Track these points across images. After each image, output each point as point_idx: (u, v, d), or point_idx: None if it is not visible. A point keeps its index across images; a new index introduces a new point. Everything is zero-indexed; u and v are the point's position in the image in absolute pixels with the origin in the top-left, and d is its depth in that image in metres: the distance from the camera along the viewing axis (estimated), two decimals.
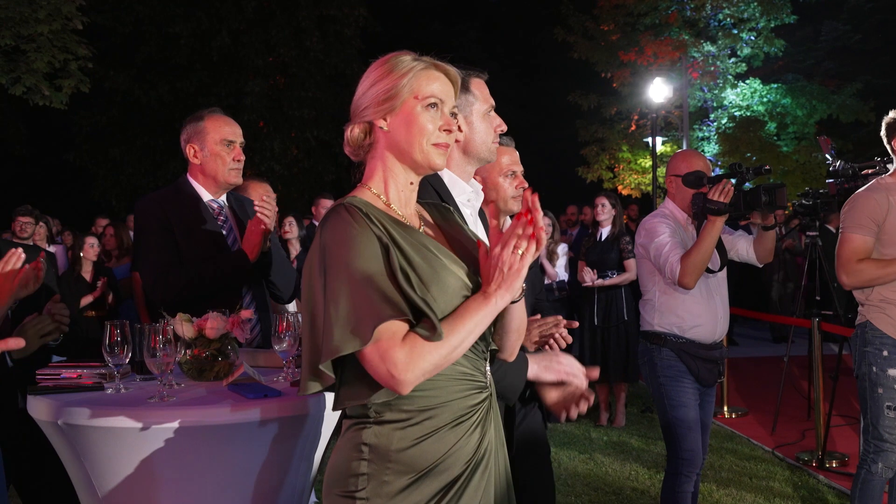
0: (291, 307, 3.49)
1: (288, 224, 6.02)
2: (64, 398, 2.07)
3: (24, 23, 9.43)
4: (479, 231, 2.14)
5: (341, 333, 1.41)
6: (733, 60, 17.21)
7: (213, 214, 2.92)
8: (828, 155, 4.01)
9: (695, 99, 17.57)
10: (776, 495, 4.55)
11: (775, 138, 17.27)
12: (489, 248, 1.50)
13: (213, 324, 2.28)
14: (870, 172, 3.68)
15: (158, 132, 16.32)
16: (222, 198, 2.99)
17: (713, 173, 3.38)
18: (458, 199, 2.06)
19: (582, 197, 9.44)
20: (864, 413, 3.28)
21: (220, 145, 2.88)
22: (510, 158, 2.46)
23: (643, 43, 17.06)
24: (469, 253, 1.61)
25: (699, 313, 3.35)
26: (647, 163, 17.24)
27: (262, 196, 2.90)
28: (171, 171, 15.92)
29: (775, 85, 17.28)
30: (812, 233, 5.37)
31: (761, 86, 17.12)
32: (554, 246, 6.49)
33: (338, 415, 2.13)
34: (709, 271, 3.32)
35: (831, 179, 3.86)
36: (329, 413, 2.17)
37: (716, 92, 17.48)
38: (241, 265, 2.81)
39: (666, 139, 17.48)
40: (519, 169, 2.45)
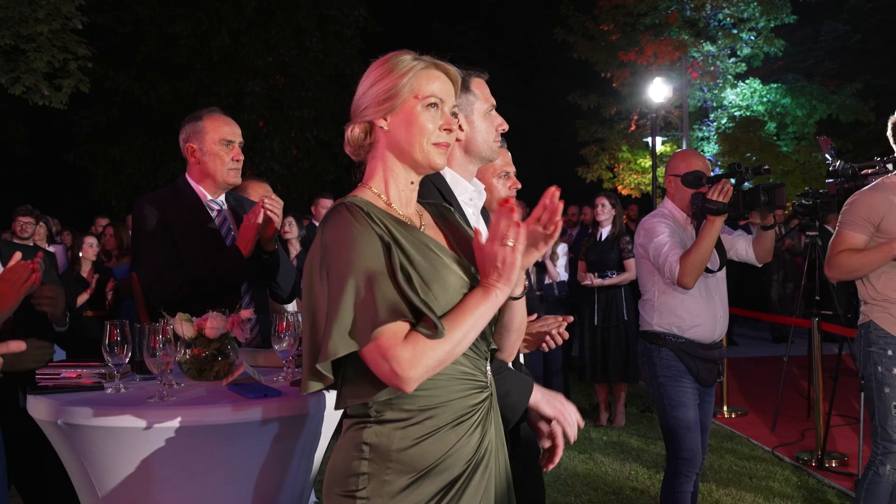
0: (291, 307, 3.49)
1: (288, 224, 6.01)
2: (64, 398, 2.07)
3: (24, 22, 9.41)
4: (482, 230, 2.14)
5: (340, 335, 1.42)
6: (733, 60, 17.20)
7: (212, 214, 2.91)
8: (827, 155, 4.00)
9: (694, 99, 17.56)
10: (776, 495, 4.55)
11: (775, 138, 17.27)
12: (483, 243, 1.49)
13: (213, 323, 2.28)
14: (869, 172, 3.67)
15: (158, 132, 16.30)
16: (221, 198, 2.97)
17: (712, 173, 3.38)
18: (461, 199, 2.07)
19: (582, 197, 9.43)
20: (872, 415, 3.21)
21: (219, 145, 2.86)
22: (503, 159, 2.46)
23: (643, 43, 17.05)
24: (469, 252, 1.61)
25: (698, 313, 3.35)
26: (647, 163, 17.24)
27: (270, 195, 2.89)
28: (171, 171, 15.90)
29: (775, 85, 17.28)
30: (812, 233, 5.37)
31: (761, 86, 17.12)
32: (555, 246, 6.49)
33: (338, 414, 2.13)
34: (708, 271, 3.32)
35: (831, 179, 3.86)
36: (329, 413, 2.17)
37: (715, 92, 17.47)
38: (238, 263, 2.78)
39: (666, 139, 17.47)
40: (512, 170, 2.46)
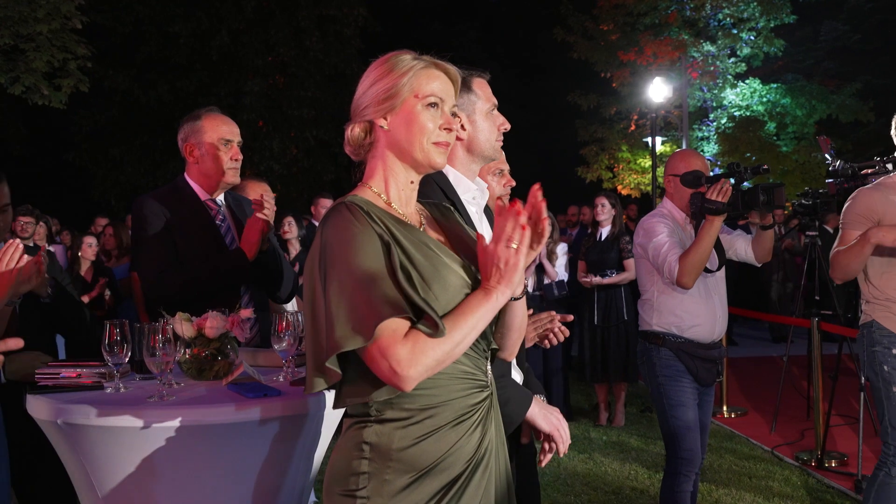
0: (290, 306, 3.48)
1: (287, 224, 6.01)
2: (63, 397, 2.06)
3: (23, 22, 9.41)
4: (485, 229, 2.15)
5: (343, 330, 1.41)
6: (733, 60, 17.21)
7: (211, 214, 2.90)
8: (827, 155, 4.00)
9: (694, 99, 17.57)
10: (775, 495, 4.55)
11: (775, 138, 17.28)
12: (487, 244, 1.50)
13: (213, 323, 2.28)
14: (869, 172, 3.67)
15: (158, 132, 16.30)
16: (220, 197, 2.97)
17: (712, 173, 3.38)
18: (464, 197, 2.08)
19: (581, 197, 9.43)
20: (881, 415, 3.17)
21: (218, 144, 2.86)
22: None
23: (643, 43, 17.06)
24: (470, 251, 1.61)
25: (698, 313, 3.35)
26: (647, 163, 17.24)
27: (262, 194, 2.89)
28: (171, 171, 15.89)
29: (775, 85, 17.29)
30: (811, 232, 5.37)
31: (761, 86, 17.13)
32: (553, 246, 6.49)
33: (339, 414, 2.13)
34: (707, 271, 3.32)
35: (831, 179, 3.86)
36: (329, 413, 2.17)
37: (715, 92, 17.48)
38: (240, 264, 2.80)
39: (665, 139, 17.48)
40: (506, 167, 2.47)
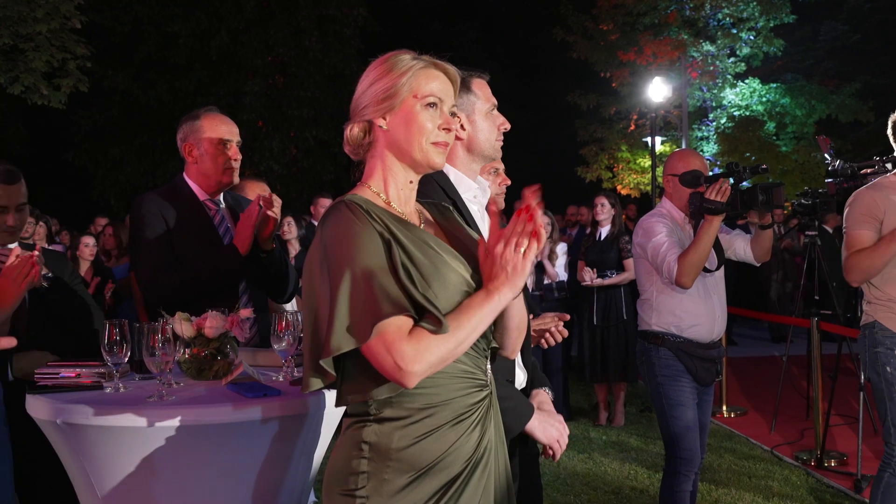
0: (290, 306, 3.48)
1: (286, 224, 6.01)
2: (63, 397, 2.06)
3: (23, 22, 9.40)
4: (487, 228, 2.15)
5: (341, 331, 1.42)
6: (732, 60, 17.22)
7: (210, 214, 2.90)
8: (827, 154, 4.01)
9: (694, 99, 17.58)
10: (775, 494, 4.55)
11: (774, 138, 17.29)
12: (489, 245, 1.50)
13: (212, 323, 2.28)
14: (868, 172, 3.67)
15: (157, 132, 16.29)
16: (219, 197, 2.97)
17: (711, 173, 3.39)
18: (465, 196, 2.09)
19: (581, 197, 9.43)
20: (882, 416, 3.17)
21: (217, 144, 2.85)
22: None
23: (642, 43, 17.07)
24: (469, 250, 1.61)
25: (697, 312, 3.35)
26: (647, 162, 17.25)
27: (270, 193, 2.88)
28: (171, 171, 15.88)
29: (774, 85, 17.30)
30: (811, 232, 5.37)
31: (760, 85, 17.14)
32: (553, 246, 6.49)
33: (339, 414, 2.13)
34: (706, 270, 3.32)
35: (830, 179, 3.86)
36: (329, 412, 2.17)
37: (715, 91, 17.49)
38: (234, 260, 2.77)
39: (665, 139, 17.49)
40: (500, 167, 2.48)
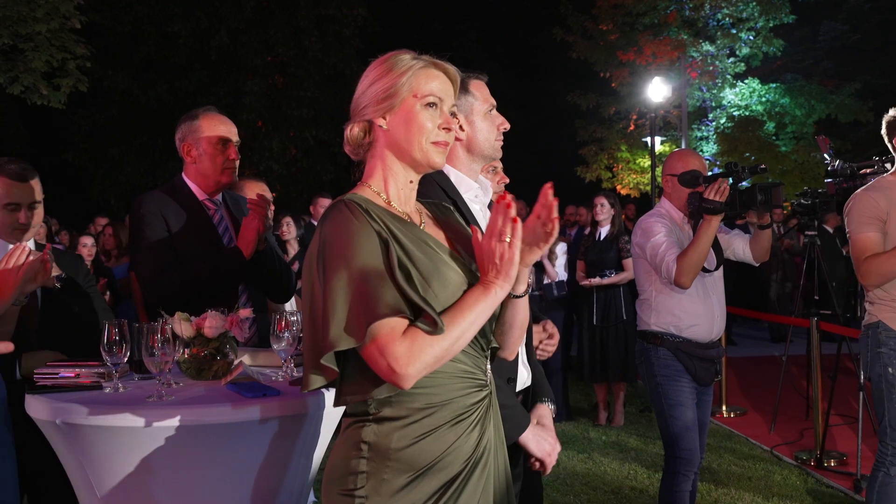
0: (289, 306, 3.49)
1: (286, 224, 6.02)
2: (62, 397, 2.06)
3: (22, 22, 9.39)
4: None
5: (338, 329, 1.42)
6: (732, 60, 17.23)
7: (209, 213, 2.90)
8: (826, 154, 4.01)
9: (693, 99, 17.59)
10: (774, 494, 4.55)
11: (774, 138, 17.30)
12: (480, 239, 1.50)
13: (212, 323, 2.28)
14: (868, 172, 3.67)
15: (157, 132, 16.27)
16: (218, 197, 2.97)
17: (710, 173, 3.39)
18: (466, 196, 2.10)
19: (581, 197, 9.43)
20: (880, 416, 3.17)
21: (215, 144, 2.85)
22: None
23: (642, 43, 17.08)
24: (469, 250, 1.61)
25: (696, 312, 3.35)
26: (646, 162, 17.25)
27: (260, 194, 2.89)
28: (170, 171, 15.84)
29: (774, 85, 17.31)
30: (810, 232, 5.37)
31: (760, 85, 17.15)
32: (553, 245, 6.50)
33: (338, 414, 2.13)
34: (705, 270, 3.32)
35: (830, 179, 3.86)
36: (329, 412, 2.17)
37: (714, 92, 17.50)
38: (237, 263, 2.78)
39: (665, 139, 17.49)
40: (499, 166, 2.49)
